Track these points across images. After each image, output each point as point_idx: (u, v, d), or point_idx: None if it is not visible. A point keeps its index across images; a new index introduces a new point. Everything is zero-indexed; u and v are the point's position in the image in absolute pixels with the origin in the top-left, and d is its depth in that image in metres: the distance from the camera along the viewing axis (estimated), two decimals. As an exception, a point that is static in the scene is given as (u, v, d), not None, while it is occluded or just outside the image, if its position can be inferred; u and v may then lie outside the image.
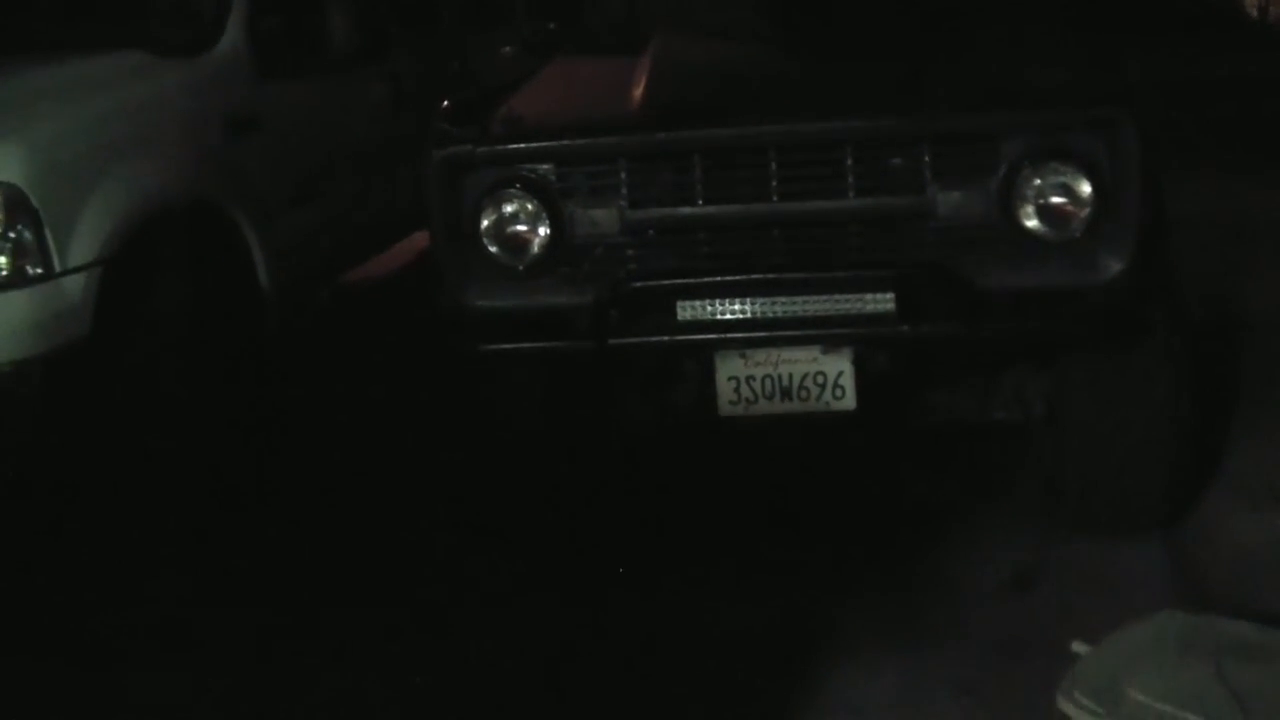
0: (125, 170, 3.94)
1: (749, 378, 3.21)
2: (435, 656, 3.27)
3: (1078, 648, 2.67)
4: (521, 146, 3.24)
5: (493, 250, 3.24)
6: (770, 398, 3.22)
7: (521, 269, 3.24)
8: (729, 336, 3.17)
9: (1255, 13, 15.83)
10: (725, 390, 3.24)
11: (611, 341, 3.18)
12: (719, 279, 3.16)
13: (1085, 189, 3.06)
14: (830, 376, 3.20)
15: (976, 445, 4.10)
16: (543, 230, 3.22)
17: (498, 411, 3.60)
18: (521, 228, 3.23)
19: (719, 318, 3.15)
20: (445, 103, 3.46)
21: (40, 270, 3.66)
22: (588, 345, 3.20)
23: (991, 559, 3.56)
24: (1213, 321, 4.76)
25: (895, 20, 3.93)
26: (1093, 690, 2.49)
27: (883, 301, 3.09)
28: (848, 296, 3.10)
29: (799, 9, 4.13)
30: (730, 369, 3.23)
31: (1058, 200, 3.08)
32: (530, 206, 3.21)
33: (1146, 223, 3.06)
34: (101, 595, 3.67)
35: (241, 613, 3.56)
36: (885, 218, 3.15)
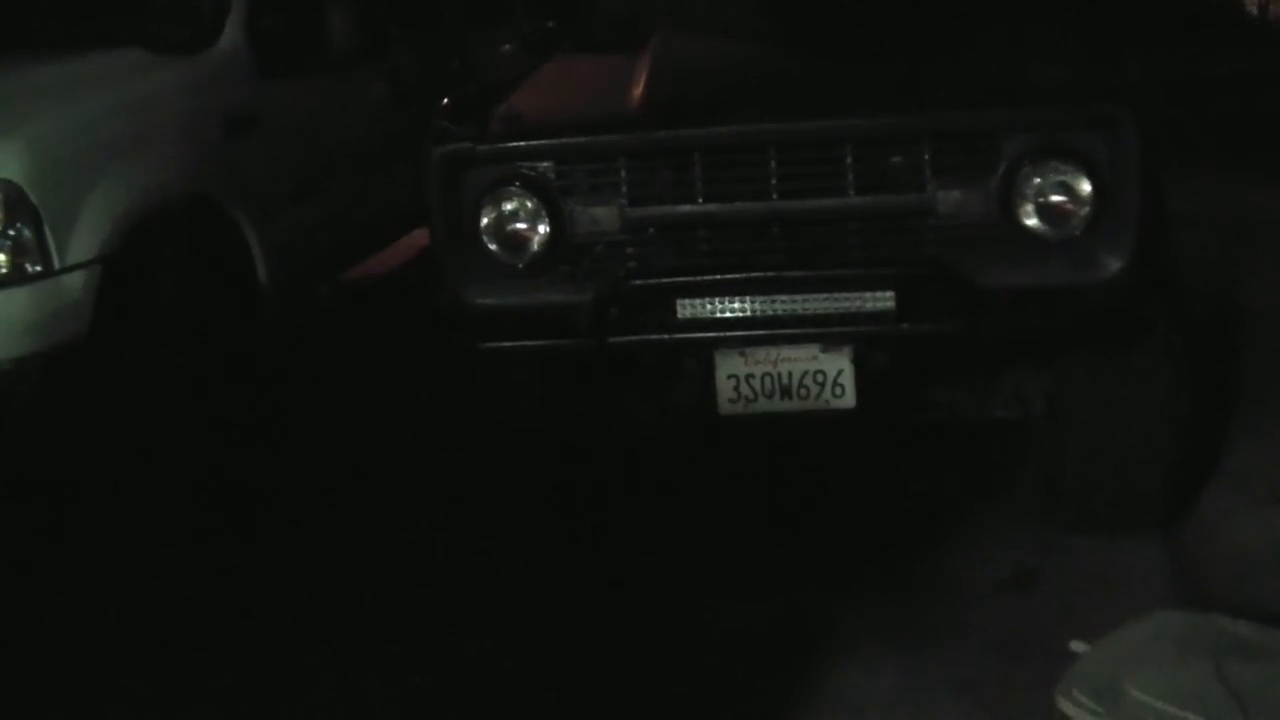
0: (124, 168, 3.94)
1: (749, 376, 3.21)
2: (435, 656, 3.27)
3: (1077, 647, 2.68)
4: (521, 144, 3.23)
5: (492, 248, 3.24)
6: (770, 396, 3.22)
7: (521, 267, 3.24)
8: (729, 335, 3.17)
9: (1255, 11, 15.81)
10: (725, 389, 3.24)
11: (611, 340, 3.17)
12: (719, 277, 3.15)
13: (1085, 187, 3.06)
14: (830, 375, 3.20)
15: (976, 444, 4.10)
16: (542, 228, 3.21)
17: (497, 410, 3.60)
18: (521, 226, 3.22)
19: (719, 316, 3.15)
20: (445, 101, 3.46)
21: (40, 268, 3.66)
22: (588, 343, 3.20)
23: (991, 558, 3.56)
24: (1213, 320, 4.76)
25: (895, 19, 3.93)
26: (1093, 689, 2.49)
27: (882, 300, 3.09)
28: (847, 295, 3.10)
29: (799, 7, 4.13)
30: (730, 367, 3.23)
31: (1057, 199, 3.07)
32: (530, 204, 3.21)
33: (1146, 221, 3.05)
34: (101, 595, 3.67)
35: (241, 613, 3.56)
36: (885, 216, 3.15)
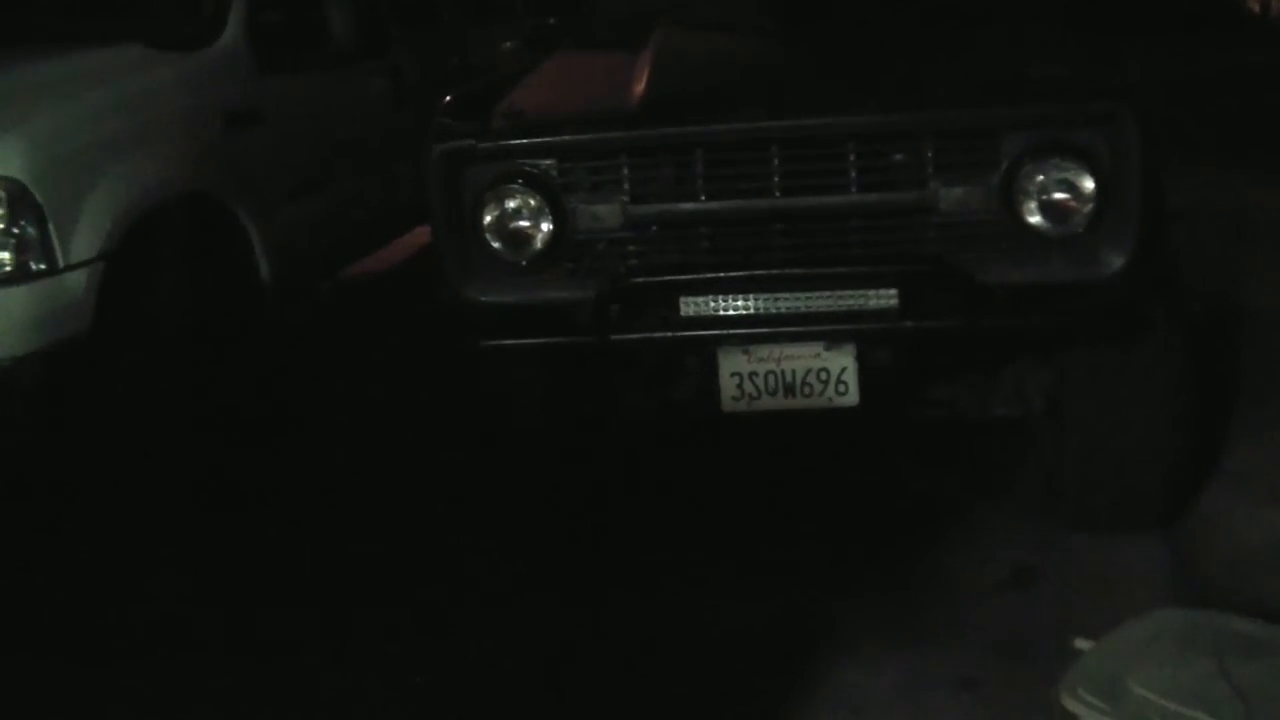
0: (126, 165, 3.94)
1: (752, 374, 3.20)
2: (435, 656, 3.26)
3: (1080, 644, 2.67)
4: (523, 141, 3.22)
5: (494, 245, 3.23)
6: (773, 394, 3.21)
7: (523, 264, 3.23)
8: (732, 333, 3.17)
9: (1256, 8, 15.82)
10: (728, 386, 3.23)
11: (613, 337, 3.16)
12: (721, 274, 3.15)
13: (1087, 184, 3.05)
14: (833, 372, 3.19)
15: (976, 443, 4.10)
16: (544, 225, 3.20)
17: (498, 408, 3.60)
18: (523, 223, 3.21)
19: (722, 313, 3.14)
20: (447, 97, 3.45)
21: (43, 266, 3.65)
22: (589, 341, 3.19)
23: (991, 556, 3.55)
24: (1213, 317, 4.75)
25: (897, 16, 3.92)
26: (1096, 687, 2.49)
27: (885, 297, 3.08)
28: (850, 292, 3.09)
29: (801, 5, 4.12)
30: (733, 365, 3.22)
31: (1059, 195, 3.07)
32: (532, 201, 3.20)
33: (1148, 218, 3.05)
34: (101, 594, 3.66)
35: (241, 613, 3.55)
36: (888, 213, 3.14)
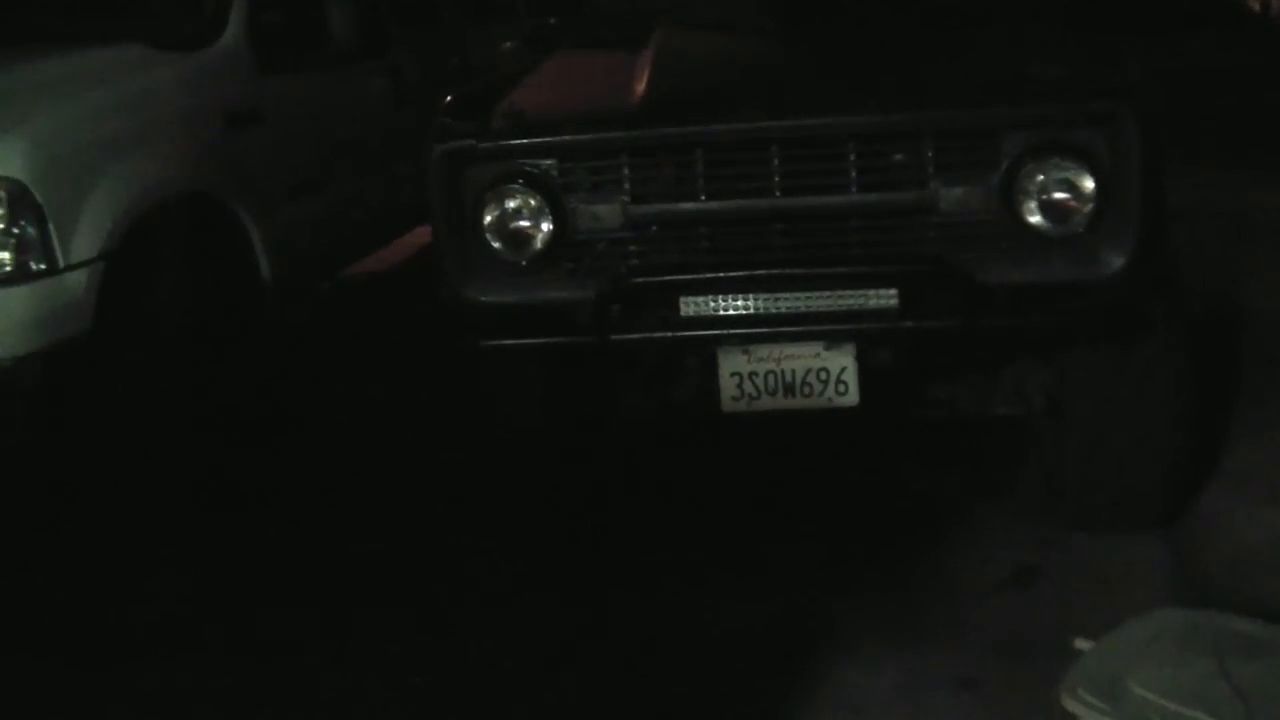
0: (126, 165, 3.94)
1: (752, 374, 3.20)
2: (435, 656, 3.26)
3: (1080, 644, 2.67)
4: (524, 141, 3.21)
5: (495, 245, 3.23)
6: (773, 393, 3.21)
7: (523, 264, 3.23)
8: (732, 332, 3.16)
9: (1256, 7, 15.82)
10: (728, 386, 3.23)
11: (613, 337, 3.16)
12: (722, 274, 3.14)
13: (1087, 184, 3.05)
14: (833, 372, 3.19)
15: (977, 443, 4.09)
16: (545, 225, 3.20)
17: (498, 408, 3.59)
18: (523, 223, 3.21)
19: (722, 313, 3.14)
20: (447, 97, 3.45)
21: (44, 266, 3.65)
22: (589, 341, 3.18)
23: (992, 556, 3.55)
24: (1213, 317, 4.75)
25: (897, 16, 3.92)
26: (1097, 687, 2.49)
27: (885, 297, 3.08)
28: (850, 292, 3.09)
29: (801, 5, 4.12)
30: (733, 365, 3.22)
31: (1059, 195, 3.06)
32: (532, 201, 3.20)
33: (1148, 218, 3.04)
34: (101, 594, 3.66)
35: (241, 613, 3.55)
36: (888, 213, 3.14)
